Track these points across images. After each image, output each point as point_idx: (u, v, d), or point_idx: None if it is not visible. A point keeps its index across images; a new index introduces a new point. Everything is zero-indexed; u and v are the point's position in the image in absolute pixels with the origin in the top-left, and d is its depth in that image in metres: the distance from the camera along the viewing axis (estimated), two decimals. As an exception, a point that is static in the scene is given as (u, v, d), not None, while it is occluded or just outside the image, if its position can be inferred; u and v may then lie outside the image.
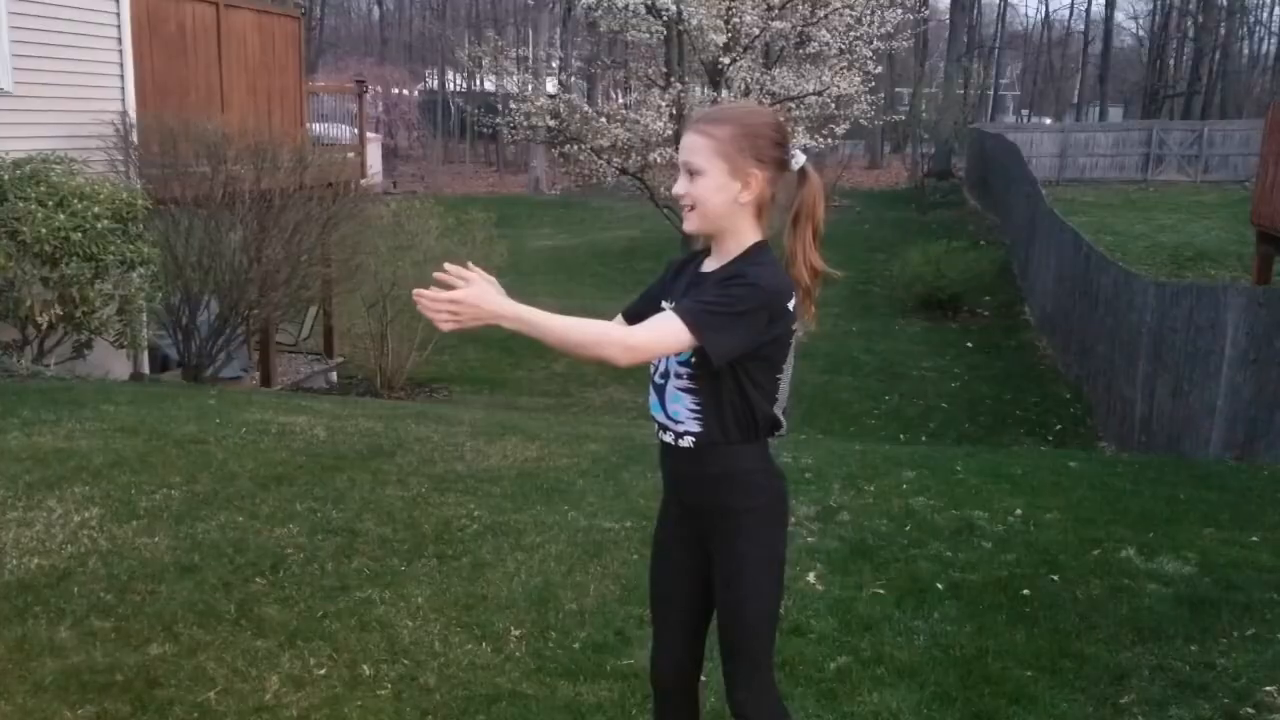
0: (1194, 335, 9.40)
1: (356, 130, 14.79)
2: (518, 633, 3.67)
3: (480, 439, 6.46)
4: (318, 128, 14.03)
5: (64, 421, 6.03)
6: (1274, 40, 51.07)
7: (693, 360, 2.19)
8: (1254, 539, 4.78)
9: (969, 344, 16.89)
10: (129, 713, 3.06)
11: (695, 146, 2.20)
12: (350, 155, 13.81)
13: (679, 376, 2.24)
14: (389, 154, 33.38)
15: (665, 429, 2.31)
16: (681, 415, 2.26)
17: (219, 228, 9.91)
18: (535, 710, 3.17)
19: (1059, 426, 12.63)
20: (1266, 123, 12.43)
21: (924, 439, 11.68)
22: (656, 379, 2.31)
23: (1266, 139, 12.37)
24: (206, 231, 9.85)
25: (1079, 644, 3.67)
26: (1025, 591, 4.12)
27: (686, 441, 2.27)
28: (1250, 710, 3.24)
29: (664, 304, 2.31)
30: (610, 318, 2.38)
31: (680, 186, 2.24)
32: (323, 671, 3.35)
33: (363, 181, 13.67)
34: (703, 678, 2.54)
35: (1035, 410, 13.41)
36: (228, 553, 4.23)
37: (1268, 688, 3.35)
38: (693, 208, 2.23)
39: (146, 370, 10.15)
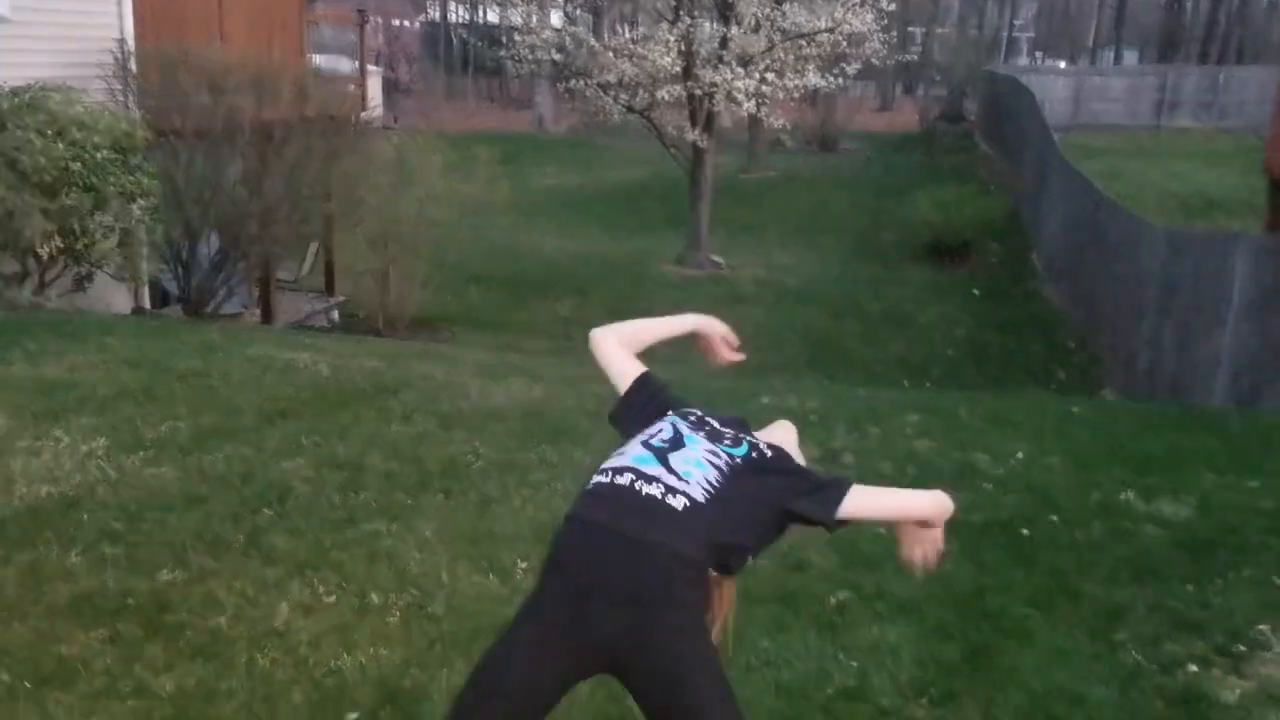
0: (1202, 284, 9.36)
1: (357, 62, 14.60)
2: (524, 565, 3.70)
3: (484, 379, 6.47)
4: (318, 59, 13.86)
5: (67, 354, 6.04)
6: (1294, -15, 50.19)
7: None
8: (1253, 484, 4.81)
9: (976, 291, 16.82)
10: (141, 635, 3.11)
11: None
12: (351, 88, 13.66)
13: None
14: (389, 88, 32.93)
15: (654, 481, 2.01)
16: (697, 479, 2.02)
17: (219, 160, 9.84)
18: (540, 640, 3.21)
19: (1063, 375, 12.63)
20: (1282, 69, 12.28)
21: (928, 385, 11.70)
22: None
23: (1281, 86, 12.22)
24: (207, 164, 9.78)
25: (1077, 582, 3.71)
26: (1025, 532, 4.16)
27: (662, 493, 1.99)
28: (1243, 648, 3.28)
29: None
30: (614, 258, 2.36)
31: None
32: (332, 599, 3.40)
33: (364, 115, 13.53)
34: None
35: (1040, 359, 13.40)
36: (235, 484, 4.27)
37: (1261, 626, 3.40)
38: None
39: (147, 304, 10.14)
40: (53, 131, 7.87)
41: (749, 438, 2.18)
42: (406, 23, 44.27)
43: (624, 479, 2.00)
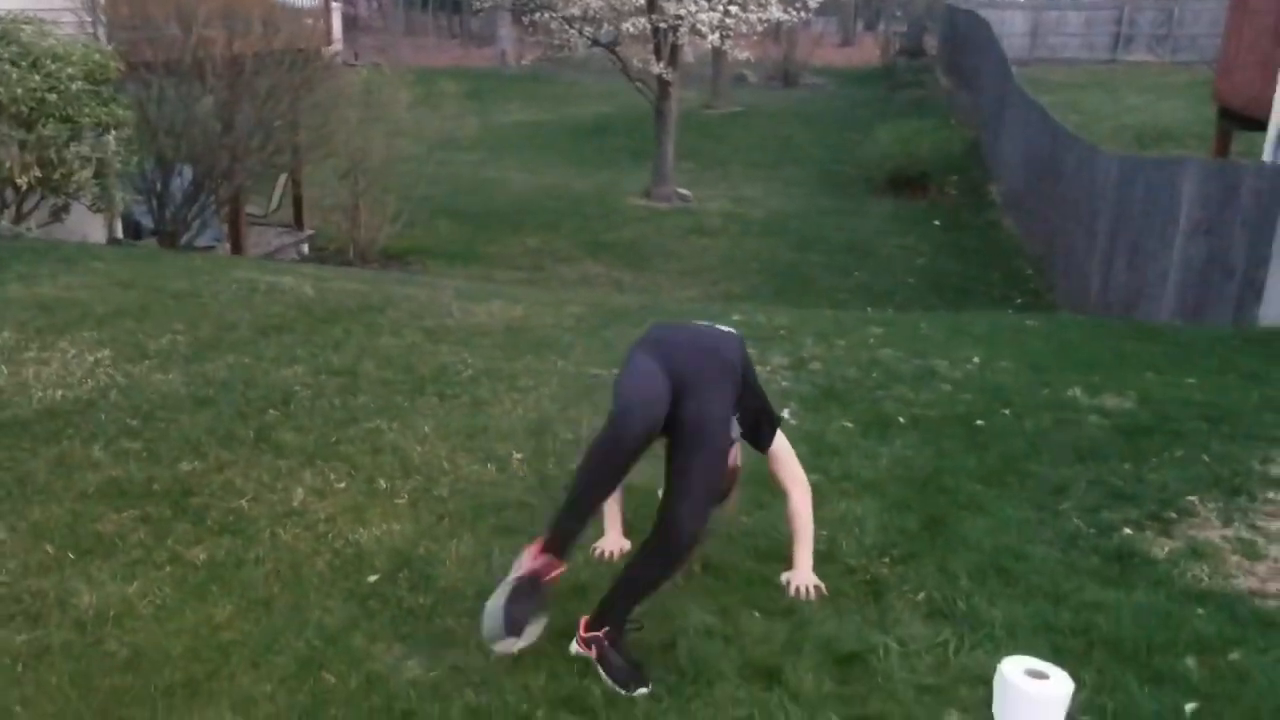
0: (1151, 207, 9.73)
1: (319, -4, 14.50)
2: (519, 456, 3.99)
3: (465, 299, 6.71)
4: (282, -9, 13.75)
5: (60, 276, 6.21)
6: (1249, -81, 50.30)
7: None
8: (1190, 380, 5.18)
9: (936, 222, 17.16)
10: (170, 515, 3.37)
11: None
12: (313, 22, 13.61)
13: None
14: (349, 23, 32.52)
15: None
16: None
17: (191, 93, 9.89)
18: (539, 516, 3.50)
19: (1020, 300, 13.03)
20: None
21: (890, 312, 12.03)
22: None
23: (1230, 15, 12.51)
24: (179, 96, 9.83)
25: (1025, 464, 4.05)
26: (979, 423, 4.50)
27: None
28: (1172, 515, 3.64)
29: None
30: (581, 192, 2.77)
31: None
32: (343, 485, 3.67)
33: (328, 49, 13.51)
34: None
35: (999, 286, 13.79)
36: (239, 388, 4.51)
37: (1189, 497, 3.76)
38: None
39: (121, 236, 10.23)
40: (27, 63, 7.92)
41: None
42: (364, -43, 43.50)
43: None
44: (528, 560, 2.64)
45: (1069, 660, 2.73)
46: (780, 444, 3.25)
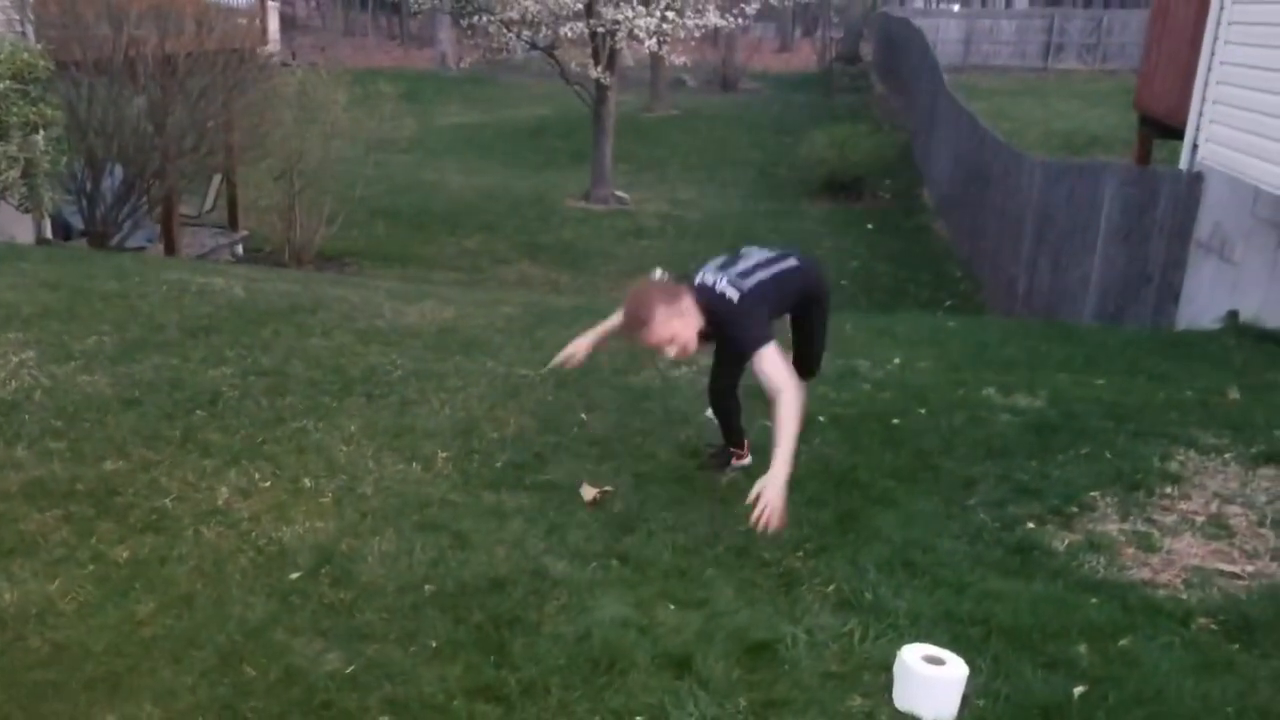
0: (1074, 212, 10.02)
1: (256, -6, 14.39)
2: (445, 455, 4.05)
3: (398, 301, 6.74)
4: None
5: (-16, 277, 6.13)
6: (1175, -68, 51.65)
7: None
8: (1100, 382, 5.39)
9: (870, 225, 17.46)
10: (93, 514, 3.39)
11: (652, 342, 3.50)
12: (248, 22, 13.50)
13: None
14: (287, 23, 32.20)
15: None
16: None
17: (122, 92, 9.79)
18: (462, 513, 3.58)
19: (949, 303, 13.32)
20: (1152, 8, 12.94)
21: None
22: None
23: (1151, 24, 12.90)
24: (109, 96, 9.72)
25: (937, 460, 4.20)
26: (896, 421, 4.64)
27: None
28: (1074, 509, 3.81)
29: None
30: (520, 194, 2.90)
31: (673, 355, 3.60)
32: (267, 484, 3.70)
33: (264, 49, 13.43)
34: None
35: (929, 288, 14.08)
36: (165, 389, 4.51)
37: (1091, 492, 3.93)
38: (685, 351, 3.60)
39: (50, 236, 10.09)
40: (-49, 61, 7.81)
41: None
42: (302, -44, 43.08)
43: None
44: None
45: (967, 647, 2.86)
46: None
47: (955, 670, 2.66)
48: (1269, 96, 6.68)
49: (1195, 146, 8.73)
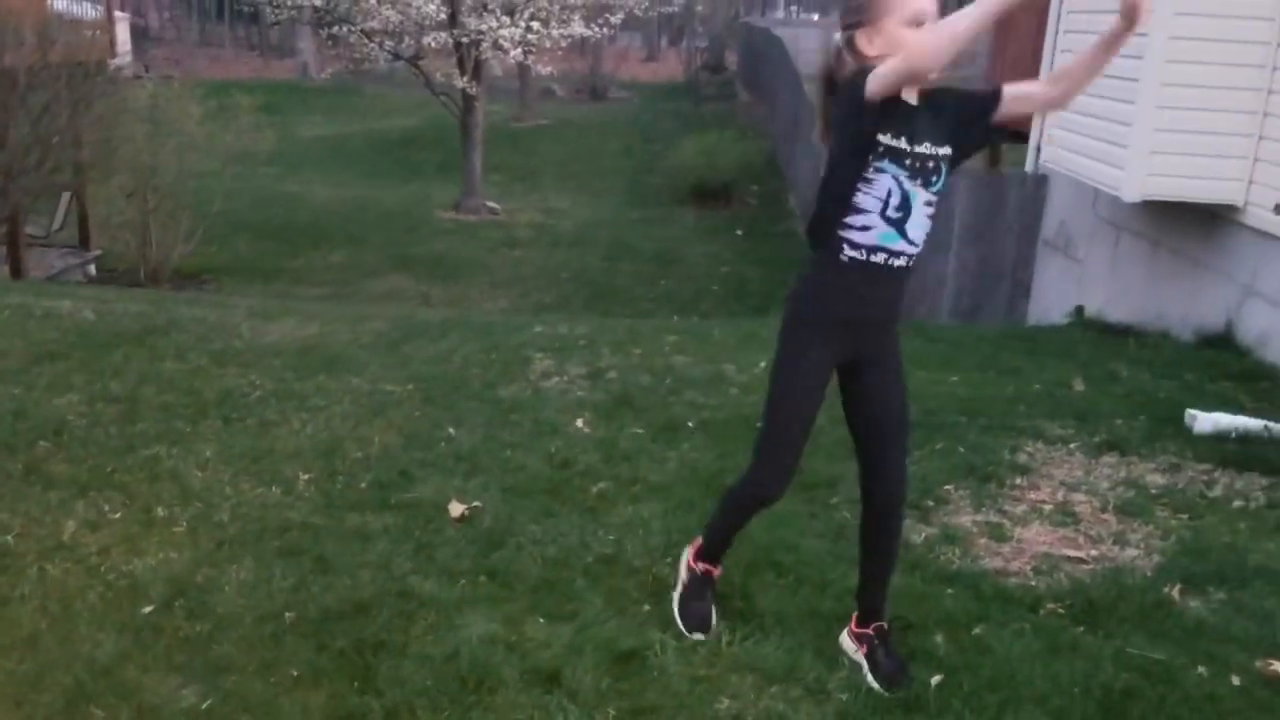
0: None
1: (103, 6, 13.88)
2: (306, 477, 3.95)
3: (258, 319, 6.55)
4: (59, 3, 13.09)
5: None
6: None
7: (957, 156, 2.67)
8: (954, 379, 5.58)
9: (739, 231, 17.75)
10: (-76, 558, 3.20)
11: None
12: (97, 33, 13.00)
13: (930, 204, 2.66)
14: (139, 35, 31.06)
15: (899, 255, 2.68)
16: (922, 237, 2.70)
17: (-43, 108, 9.31)
18: (325, 536, 3.50)
19: (816, 304, 13.62)
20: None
21: (695, 319, 12.39)
22: (902, 210, 2.63)
23: (995, 33, 13.47)
24: (-57, 112, 9.24)
25: (802, 461, 4.27)
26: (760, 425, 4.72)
27: (906, 260, 2.71)
28: (930, 502, 3.94)
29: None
30: (388, 205, 2.73)
31: None
32: (117, 515, 3.56)
33: (113, 62, 12.94)
34: None
35: (796, 290, 14.37)
36: (7, 420, 4.29)
37: (946, 485, 4.08)
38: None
39: (-120, 262, 9.52)
40: None
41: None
42: (153, -36, 41.63)
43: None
44: None
45: (831, 644, 2.93)
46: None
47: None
48: (1100, 101, 7.03)
49: (1038, 149, 9.15)
